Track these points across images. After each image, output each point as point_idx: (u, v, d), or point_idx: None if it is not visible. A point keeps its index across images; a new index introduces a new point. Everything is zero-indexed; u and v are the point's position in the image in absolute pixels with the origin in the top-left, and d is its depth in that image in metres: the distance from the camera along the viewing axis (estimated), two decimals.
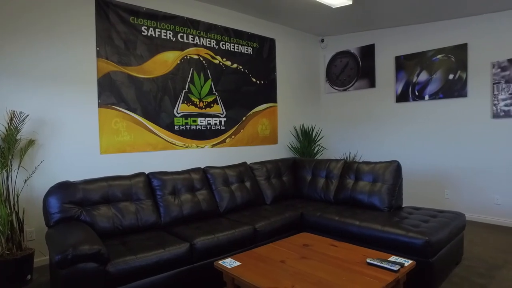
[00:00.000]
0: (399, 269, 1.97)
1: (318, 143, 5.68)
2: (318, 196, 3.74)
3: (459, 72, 4.56)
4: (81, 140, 3.38)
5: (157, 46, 3.88)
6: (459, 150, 4.62)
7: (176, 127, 4.06)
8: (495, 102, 4.29)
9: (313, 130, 5.51)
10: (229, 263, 2.12)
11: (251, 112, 4.83)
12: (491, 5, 4.05)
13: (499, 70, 4.25)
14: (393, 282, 1.91)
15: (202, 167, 3.54)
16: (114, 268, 2.06)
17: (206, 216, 3.16)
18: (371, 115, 5.49)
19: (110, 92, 3.53)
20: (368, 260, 2.09)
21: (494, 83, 4.29)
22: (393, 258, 2.15)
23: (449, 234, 2.77)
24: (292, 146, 5.37)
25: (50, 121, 3.20)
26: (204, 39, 4.32)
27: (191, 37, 4.18)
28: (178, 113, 4.08)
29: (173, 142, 4.04)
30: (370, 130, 5.52)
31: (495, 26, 4.29)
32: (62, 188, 2.51)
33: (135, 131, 3.71)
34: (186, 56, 4.14)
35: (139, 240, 2.47)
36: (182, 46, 4.09)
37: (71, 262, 1.89)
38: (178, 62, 4.07)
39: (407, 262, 2.09)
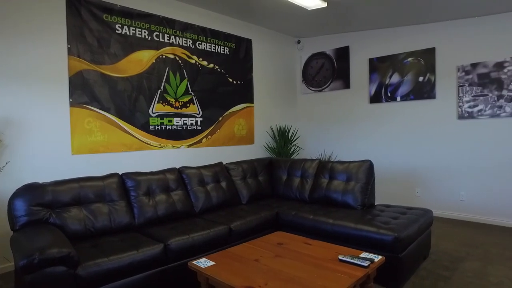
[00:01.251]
0: (369, 265, 2.05)
1: (294, 143, 5.76)
2: (294, 195, 3.80)
3: (428, 74, 4.75)
4: (52, 140, 3.27)
5: (132, 44, 3.81)
6: (429, 149, 4.82)
7: (151, 127, 4.01)
8: (460, 104, 4.50)
9: (289, 130, 5.58)
10: (203, 263, 2.13)
11: (227, 112, 4.84)
12: (456, 12, 4.25)
13: (463, 73, 4.46)
14: (363, 277, 1.98)
15: (178, 167, 3.52)
16: (85, 271, 2.02)
17: (181, 217, 3.14)
18: (346, 115, 5.63)
19: (83, 91, 3.45)
20: (340, 257, 2.15)
21: (459, 86, 4.51)
22: (364, 254, 2.22)
23: (417, 230, 2.89)
24: (268, 146, 5.42)
25: (18, 120, 3.09)
26: (180, 38, 4.29)
27: (167, 36, 4.14)
28: (154, 113, 4.03)
29: (149, 142, 3.99)
30: (345, 130, 5.65)
31: (459, 32, 4.51)
32: (30, 190, 2.43)
33: (109, 131, 3.64)
34: (162, 55, 4.09)
35: (112, 242, 2.43)
36: (157, 45, 4.04)
37: (38, 266, 1.83)
38: (154, 61, 4.02)
39: (377, 258, 2.16)
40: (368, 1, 4.06)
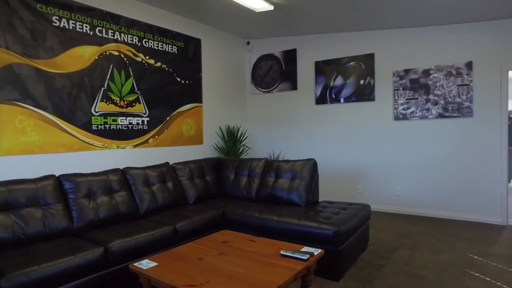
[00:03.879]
0: (308, 258, 2.15)
1: (243, 143, 5.83)
2: (241, 194, 3.86)
3: (368, 78, 5.08)
4: None
5: (72, 39, 3.60)
6: (369, 148, 5.15)
7: (94, 127, 3.82)
8: (396, 106, 4.88)
9: (238, 131, 5.63)
10: (145, 264, 2.09)
11: (175, 112, 4.76)
12: (392, 22, 4.60)
13: (398, 78, 4.85)
14: (303, 270, 2.08)
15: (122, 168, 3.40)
16: (9, 283, 1.87)
17: (125, 219, 3.04)
18: (293, 116, 5.82)
19: (13, 86, 3.19)
20: (282, 252, 2.23)
21: (395, 90, 4.88)
22: (304, 248, 2.33)
23: (356, 224, 3.08)
24: (217, 146, 5.42)
25: None
26: (126, 35, 4.14)
27: (111, 32, 3.98)
28: (96, 112, 3.85)
29: (91, 143, 3.80)
30: (292, 130, 5.84)
31: (395, 40, 4.89)
32: None
33: (45, 131, 3.40)
34: (105, 52, 3.92)
35: (46, 248, 2.28)
36: (100, 41, 3.87)
37: None
38: (96, 57, 3.83)
39: (317, 251, 2.28)
40: (313, 7, 4.25)
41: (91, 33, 3.77)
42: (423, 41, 4.68)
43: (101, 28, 3.86)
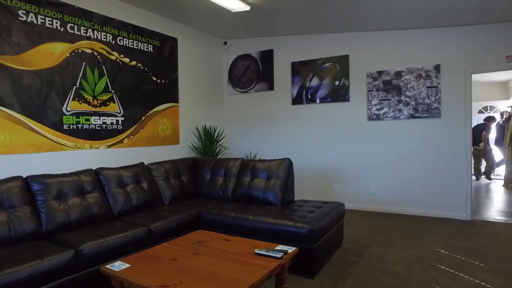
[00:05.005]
0: (282, 256, 2.18)
1: (220, 143, 5.82)
2: (217, 194, 3.85)
3: (343, 79, 5.19)
4: None
5: (41, 35, 3.48)
6: (344, 148, 5.27)
7: (65, 126, 3.71)
8: (370, 107, 5.02)
9: (215, 131, 5.62)
10: (117, 266, 2.05)
11: (151, 112, 4.70)
12: (365, 25, 4.73)
13: (371, 80, 4.98)
14: (277, 268, 2.10)
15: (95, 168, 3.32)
16: None
17: (98, 220, 2.97)
18: (270, 116, 5.87)
19: None
20: (256, 251, 2.25)
21: (368, 91, 5.02)
22: (279, 247, 2.36)
23: (330, 222, 3.15)
24: (194, 146, 5.39)
25: None
26: (99, 32, 4.04)
27: (83, 29, 3.87)
28: (68, 111, 3.74)
29: (62, 143, 3.68)
30: (269, 130, 5.88)
31: (368, 43, 5.02)
32: None
33: (11, 130, 3.27)
34: (77, 49, 3.81)
35: (10, 253, 2.19)
36: (72, 38, 3.76)
37: None
38: (68, 55, 3.72)
39: (291, 249, 2.31)
40: (289, 8, 4.30)
41: (62, 29, 3.66)
42: (395, 44, 4.84)
43: (72, 25, 3.75)
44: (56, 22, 3.61)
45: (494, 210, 5.05)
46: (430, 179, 4.71)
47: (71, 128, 3.76)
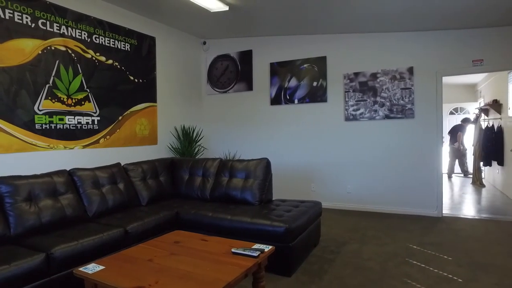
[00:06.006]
0: (259, 255, 2.20)
1: (198, 143, 5.79)
2: (195, 194, 3.84)
3: (321, 80, 5.28)
4: None
5: (9, 30, 3.35)
6: (322, 148, 5.36)
7: (37, 126, 3.59)
8: (346, 107, 5.13)
9: (194, 131, 5.59)
10: (91, 268, 2.01)
11: (128, 112, 4.62)
12: (342, 27, 4.83)
13: (348, 81, 5.10)
14: (254, 266, 2.12)
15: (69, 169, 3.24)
16: None
17: (71, 222, 2.90)
18: (249, 116, 5.89)
19: None
20: (233, 250, 2.26)
21: (345, 92, 5.13)
22: (256, 246, 2.37)
23: (307, 221, 3.20)
24: (172, 147, 5.34)
25: None
26: (74, 30, 3.94)
27: (57, 26, 3.76)
28: (40, 110, 3.62)
29: (34, 143, 3.57)
30: (248, 130, 5.91)
31: (345, 44, 5.13)
32: None
33: None
34: (50, 46, 3.70)
35: None
36: (44, 35, 3.64)
37: None
38: (40, 52, 3.61)
39: (267, 248, 2.33)
40: (267, 9, 4.33)
41: (33, 25, 3.54)
42: (371, 46, 4.97)
43: (44, 21, 3.64)
44: (26, 18, 3.49)
45: (463, 207, 5.27)
46: (404, 178, 4.86)
47: (43, 128, 3.64)
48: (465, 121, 8.28)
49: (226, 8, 4.22)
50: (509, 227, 4.19)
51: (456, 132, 8.23)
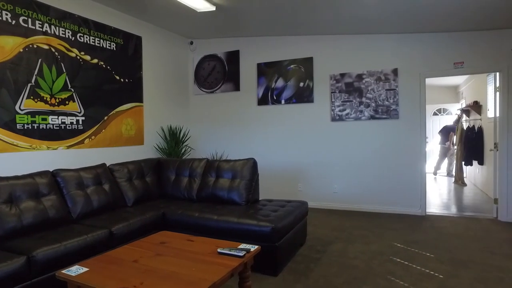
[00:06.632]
0: (244, 255, 2.20)
1: (185, 144, 5.77)
2: (182, 195, 3.82)
3: (307, 81, 5.32)
4: None
5: None
6: (309, 148, 5.40)
7: (19, 126, 3.51)
8: (333, 108, 5.19)
9: (180, 131, 5.56)
10: (74, 270, 1.98)
11: (114, 111, 4.56)
12: (329, 28, 4.88)
13: (334, 81, 5.16)
14: (240, 266, 2.13)
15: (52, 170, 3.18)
16: None
17: (55, 224, 2.85)
18: (236, 116, 5.89)
19: None
20: (219, 250, 2.26)
21: (331, 92, 5.19)
22: (242, 245, 2.38)
23: (293, 220, 3.22)
24: (159, 147, 5.30)
25: None
26: (57, 28, 3.87)
27: (39, 24, 3.69)
28: (22, 110, 3.55)
29: (15, 143, 3.49)
30: (235, 130, 5.91)
31: (332, 46, 5.19)
32: None
33: None
34: (32, 44, 3.63)
35: None
36: (26, 32, 3.57)
37: None
38: (21, 50, 3.53)
39: (253, 248, 2.34)
40: (253, 10, 4.35)
41: (13, 22, 3.46)
42: (357, 48, 5.04)
43: (26, 18, 3.56)
44: (6, 14, 3.41)
45: (446, 206, 5.40)
46: (389, 178, 4.95)
47: (25, 127, 3.57)
48: (458, 122, 8.50)
49: (213, 8, 4.21)
50: (488, 224, 4.32)
51: (447, 132, 8.47)
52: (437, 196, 6.22)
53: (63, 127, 3.93)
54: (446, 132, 8.53)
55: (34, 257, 2.21)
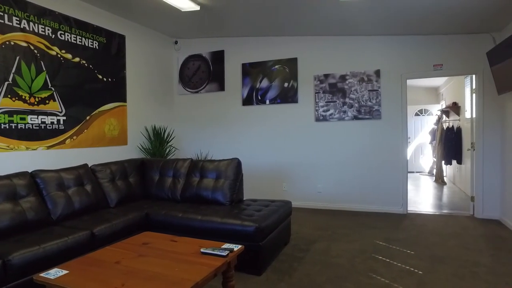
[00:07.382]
0: (228, 254, 2.21)
1: (170, 144, 5.72)
2: (166, 195, 3.79)
3: (292, 81, 5.37)
4: None
5: None
6: (293, 148, 5.44)
7: None
8: (317, 108, 5.24)
9: (165, 131, 5.51)
10: (53, 273, 1.95)
11: (96, 111, 4.49)
12: (313, 29, 4.94)
13: (318, 82, 5.22)
14: (223, 266, 2.13)
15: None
16: None
17: (34, 226, 2.78)
18: (221, 116, 5.89)
19: None
20: (202, 250, 2.26)
21: (315, 93, 5.24)
22: (225, 245, 2.39)
23: (277, 220, 3.24)
24: (143, 147, 5.24)
25: None
26: (36, 25, 3.78)
27: (16, 20, 3.59)
28: None
29: None
30: (220, 131, 5.90)
31: (315, 47, 5.25)
32: None
33: None
34: (9, 41, 3.53)
35: None
36: (2, 29, 3.46)
37: None
38: None
39: (237, 247, 2.35)
40: (238, 10, 4.35)
41: None
42: (341, 49, 5.11)
43: (1, 14, 3.47)
44: None
45: (426, 203, 5.54)
46: (371, 177, 5.04)
47: (2, 127, 3.47)
48: (438, 122, 8.74)
49: (197, 8, 4.20)
50: (465, 221, 4.45)
51: (435, 132, 8.70)
52: (418, 194, 6.37)
53: (43, 127, 3.84)
54: (434, 132, 8.81)
55: (10, 261, 2.15)
